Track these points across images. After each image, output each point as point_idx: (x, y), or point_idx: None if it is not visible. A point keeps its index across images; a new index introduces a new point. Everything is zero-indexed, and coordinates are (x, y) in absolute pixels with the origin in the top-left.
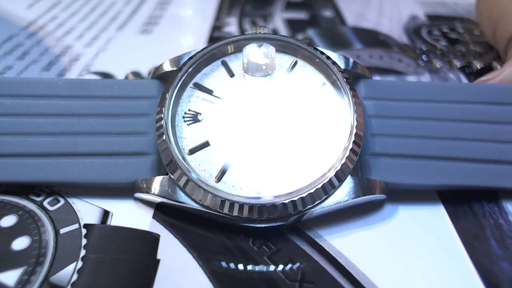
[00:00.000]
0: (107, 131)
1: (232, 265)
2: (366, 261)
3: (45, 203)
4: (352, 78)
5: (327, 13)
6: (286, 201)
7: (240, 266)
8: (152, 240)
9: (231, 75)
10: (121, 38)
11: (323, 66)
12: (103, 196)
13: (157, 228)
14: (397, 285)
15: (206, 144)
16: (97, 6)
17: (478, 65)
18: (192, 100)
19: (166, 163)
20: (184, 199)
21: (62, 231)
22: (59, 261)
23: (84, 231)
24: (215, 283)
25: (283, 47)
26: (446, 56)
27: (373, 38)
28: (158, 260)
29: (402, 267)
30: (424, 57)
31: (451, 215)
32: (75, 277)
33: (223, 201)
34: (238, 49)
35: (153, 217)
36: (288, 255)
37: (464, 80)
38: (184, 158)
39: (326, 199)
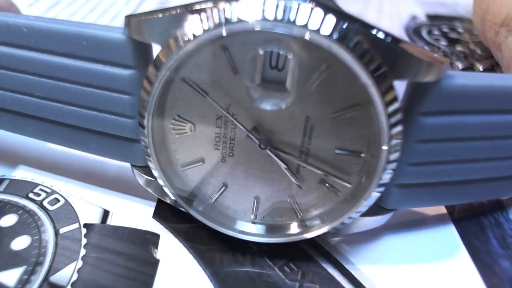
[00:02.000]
0: (89, 104)
1: (232, 265)
2: (366, 260)
3: (45, 203)
4: (413, 85)
5: None
6: (286, 240)
7: (240, 266)
8: (152, 239)
9: (235, 71)
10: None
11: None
12: (103, 196)
13: (157, 228)
14: (397, 284)
15: (200, 161)
16: (97, 6)
17: (480, 67)
18: (182, 103)
19: (156, 176)
20: (179, 206)
21: (62, 230)
22: (59, 261)
23: (84, 230)
24: (215, 283)
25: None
26: (448, 58)
27: None
28: (158, 260)
29: (402, 266)
30: None
31: (452, 214)
32: (75, 276)
33: (216, 231)
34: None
35: (153, 217)
36: (288, 255)
37: None
38: (175, 173)
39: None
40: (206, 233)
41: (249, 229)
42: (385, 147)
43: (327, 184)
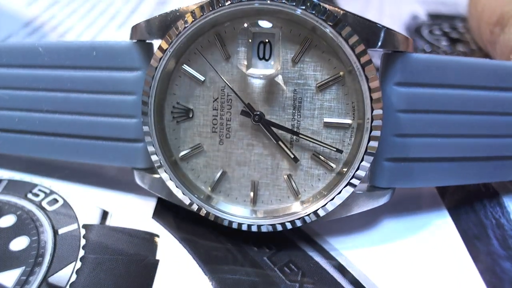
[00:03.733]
0: (95, 111)
1: (232, 265)
2: (366, 260)
3: (44, 203)
4: (386, 56)
5: None
6: (284, 222)
7: (240, 267)
8: (151, 240)
9: (226, 56)
10: (121, 37)
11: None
12: (102, 196)
13: (156, 228)
14: (397, 285)
15: (199, 148)
16: (96, 5)
17: None
18: (181, 91)
19: (157, 166)
20: (180, 202)
21: (60, 231)
22: (58, 262)
23: (83, 231)
24: (214, 283)
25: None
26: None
27: None
28: (158, 261)
29: (402, 267)
30: None
31: (453, 215)
32: (73, 277)
33: (217, 217)
34: (235, 16)
35: (152, 217)
36: (288, 255)
37: None
38: (175, 163)
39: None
40: (206, 233)
41: (250, 215)
42: (368, 111)
43: (321, 157)
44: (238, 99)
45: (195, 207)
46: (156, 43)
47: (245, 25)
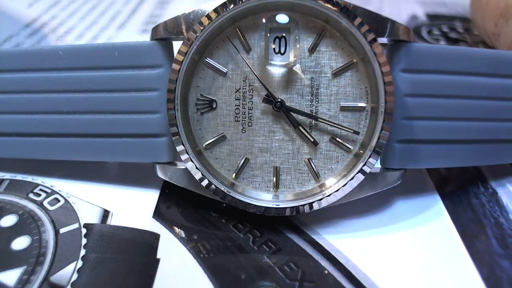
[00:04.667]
0: (116, 109)
1: (232, 265)
2: (367, 260)
3: (45, 203)
4: (391, 46)
5: None
6: (306, 203)
7: (240, 266)
8: (152, 239)
9: (248, 49)
10: (121, 37)
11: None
12: (103, 196)
13: (157, 227)
14: (397, 284)
15: (222, 137)
16: (96, 5)
17: None
18: (205, 83)
19: (181, 157)
20: (205, 190)
21: (62, 230)
22: (59, 261)
23: (84, 230)
24: (215, 282)
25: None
26: None
27: None
28: (158, 260)
29: (402, 266)
30: None
31: (452, 214)
32: (75, 276)
33: (242, 202)
34: (255, 11)
35: (153, 217)
36: (288, 255)
37: None
38: (200, 153)
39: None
40: (206, 233)
41: (273, 199)
42: (382, 94)
43: (338, 140)
44: (260, 88)
45: (220, 194)
46: (177, 42)
47: (263, 20)
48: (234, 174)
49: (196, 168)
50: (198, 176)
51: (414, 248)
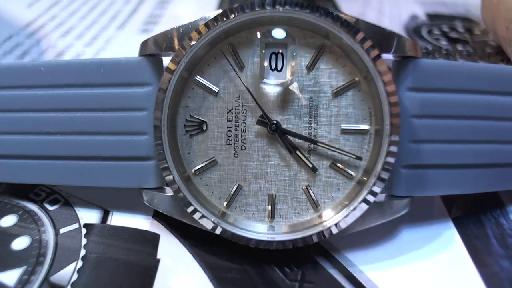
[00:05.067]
0: (100, 129)
1: (231, 265)
2: (367, 260)
3: (45, 203)
4: (396, 63)
5: None
6: (304, 236)
7: (240, 266)
8: (152, 239)
9: (241, 66)
10: (121, 37)
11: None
12: (103, 196)
13: (157, 227)
14: (397, 283)
15: (213, 162)
16: (96, 5)
17: None
18: (195, 103)
19: (168, 183)
20: (194, 221)
21: (62, 231)
22: (59, 261)
23: (84, 230)
24: (215, 282)
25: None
26: (451, 56)
27: None
28: (158, 260)
29: (402, 265)
30: (429, 57)
31: (452, 214)
32: (75, 276)
33: (234, 234)
34: (248, 26)
35: (153, 217)
36: (288, 255)
37: None
38: (188, 179)
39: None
40: (206, 233)
41: (268, 230)
42: (387, 116)
43: (340, 166)
44: (254, 108)
45: (209, 226)
46: (166, 58)
47: (258, 35)
48: (225, 203)
49: (184, 195)
50: (185, 204)
51: (413, 247)
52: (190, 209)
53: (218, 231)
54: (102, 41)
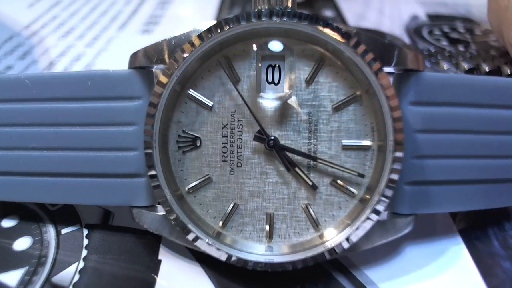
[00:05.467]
0: (89, 145)
1: (232, 265)
2: (368, 261)
3: (47, 204)
4: (398, 76)
5: (328, 13)
6: (307, 257)
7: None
8: (153, 240)
9: (236, 80)
10: (122, 38)
11: (356, 70)
12: None
13: None
14: (397, 283)
15: (208, 180)
16: (97, 6)
17: (486, 68)
18: (188, 118)
19: (160, 202)
20: (187, 241)
21: (63, 231)
22: (61, 262)
23: (85, 231)
24: (216, 283)
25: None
26: (454, 58)
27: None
28: (160, 261)
29: (402, 265)
30: (431, 59)
31: (454, 215)
32: (76, 277)
33: (230, 256)
34: (244, 38)
35: None
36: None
37: None
38: (181, 197)
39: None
40: None
41: (266, 251)
42: (390, 131)
43: (341, 183)
44: (250, 123)
45: (204, 247)
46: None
47: (254, 47)
48: (221, 222)
49: (177, 215)
50: (178, 224)
51: (414, 246)
52: (183, 230)
53: (213, 252)
54: (103, 42)
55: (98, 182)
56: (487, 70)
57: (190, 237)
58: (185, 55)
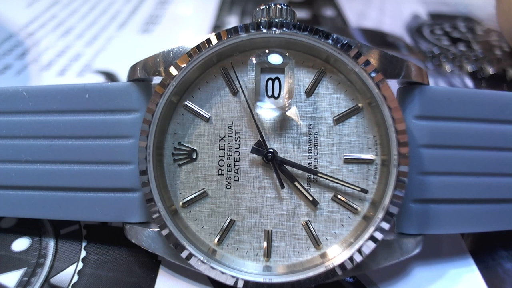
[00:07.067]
0: (83, 158)
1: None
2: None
3: None
4: (401, 90)
5: (328, 12)
6: (307, 278)
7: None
8: None
9: (234, 91)
10: (122, 37)
11: (359, 83)
12: None
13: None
14: (396, 282)
15: (203, 194)
16: (96, 5)
17: (490, 70)
18: (184, 130)
19: (153, 218)
20: (181, 260)
21: (62, 232)
22: (60, 263)
23: (84, 232)
24: (216, 284)
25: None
26: (457, 60)
27: (380, 40)
28: (159, 261)
29: (402, 264)
30: (434, 61)
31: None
32: (75, 278)
33: (224, 275)
34: (243, 49)
35: None
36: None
37: (471, 85)
38: (175, 213)
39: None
40: None
41: (263, 271)
42: (394, 144)
43: (343, 199)
44: (248, 136)
45: (198, 265)
46: (156, 81)
47: (253, 59)
48: (216, 239)
49: (170, 231)
50: (171, 240)
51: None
52: (176, 247)
53: (207, 271)
54: (102, 41)
55: (91, 197)
56: (491, 73)
57: (184, 254)
58: (183, 65)
